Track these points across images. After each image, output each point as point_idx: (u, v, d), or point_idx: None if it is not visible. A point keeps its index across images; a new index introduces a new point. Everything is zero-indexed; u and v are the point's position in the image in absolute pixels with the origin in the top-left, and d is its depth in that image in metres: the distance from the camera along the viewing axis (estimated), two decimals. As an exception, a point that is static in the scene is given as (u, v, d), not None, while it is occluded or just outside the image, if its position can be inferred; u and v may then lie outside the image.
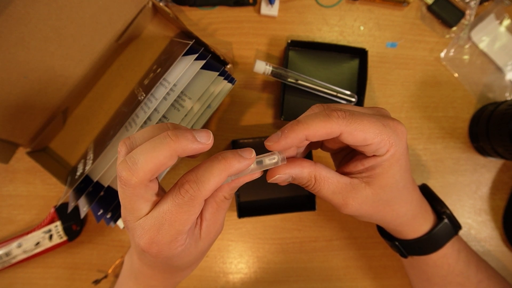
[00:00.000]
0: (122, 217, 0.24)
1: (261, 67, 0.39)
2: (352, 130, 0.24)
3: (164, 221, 0.22)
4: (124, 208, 0.23)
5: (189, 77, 0.34)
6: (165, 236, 0.22)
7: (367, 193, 0.26)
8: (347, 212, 0.27)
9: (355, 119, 0.24)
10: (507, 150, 0.39)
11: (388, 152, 0.25)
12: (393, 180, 0.26)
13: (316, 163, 0.26)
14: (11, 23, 0.32)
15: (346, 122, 0.24)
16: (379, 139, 0.24)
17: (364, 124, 0.24)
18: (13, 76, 0.35)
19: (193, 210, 0.22)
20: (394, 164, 0.26)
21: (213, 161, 0.23)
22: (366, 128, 0.24)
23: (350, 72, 0.43)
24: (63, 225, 0.42)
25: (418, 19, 0.45)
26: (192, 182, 0.22)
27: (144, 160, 0.21)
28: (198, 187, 0.22)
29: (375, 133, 0.24)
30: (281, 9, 0.44)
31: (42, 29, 0.34)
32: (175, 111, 0.36)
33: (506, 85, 0.44)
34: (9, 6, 0.31)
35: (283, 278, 0.44)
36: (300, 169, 0.26)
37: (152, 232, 0.22)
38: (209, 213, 0.26)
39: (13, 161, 0.43)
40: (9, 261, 0.41)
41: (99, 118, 0.43)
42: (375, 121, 0.24)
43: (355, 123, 0.24)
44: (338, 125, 0.24)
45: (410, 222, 0.31)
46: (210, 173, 0.22)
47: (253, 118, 0.44)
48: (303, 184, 0.27)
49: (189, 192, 0.22)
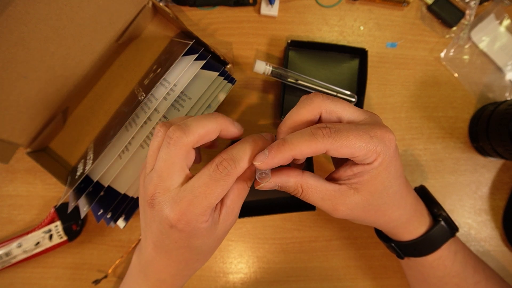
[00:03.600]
0: (149, 192, 0.25)
1: (261, 67, 0.39)
2: (337, 147, 0.24)
3: (199, 194, 0.24)
4: (159, 176, 0.25)
5: (189, 77, 0.34)
6: (197, 207, 0.24)
7: (356, 199, 0.27)
8: (338, 216, 0.28)
9: (341, 136, 0.24)
10: (507, 150, 0.39)
11: (376, 161, 0.25)
12: (382, 186, 0.27)
13: (303, 172, 0.27)
14: (11, 23, 0.32)
15: (331, 141, 0.24)
16: (365, 150, 0.25)
17: (350, 140, 0.24)
18: (13, 76, 0.35)
19: (227, 185, 0.24)
20: (382, 172, 0.26)
21: (245, 143, 0.26)
22: (352, 143, 0.24)
23: (350, 72, 0.43)
24: (63, 225, 0.42)
25: (418, 19, 0.45)
26: (230, 159, 0.25)
27: (196, 125, 0.25)
28: (235, 165, 0.24)
29: (360, 147, 0.24)
30: (281, 9, 0.44)
31: (42, 29, 0.34)
32: (175, 111, 0.36)
33: (506, 85, 0.44)
34: (9, 6, 0.31)
35: (283, 278, 0.44)
36: (286, 179, 0.27)
37: (184, 204, 0.24)
38: (230, 199, 0.27)
39: (13, 161, 0.43)
40: (9, 261, 0.41)
41: (99, 118, 0.43)
42: (361, 135, 0.24)
43: (340, 140, 0.24)
44: (323, 144, 0.24)
45: (404, 225, 0.31)
46: (243, 152, 0.25)
47: (253, 118, 0.44)
48: (290, 192, 0.28)
49: (227, 168, 0.24)
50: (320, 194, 0.27)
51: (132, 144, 0.35)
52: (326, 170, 0.44)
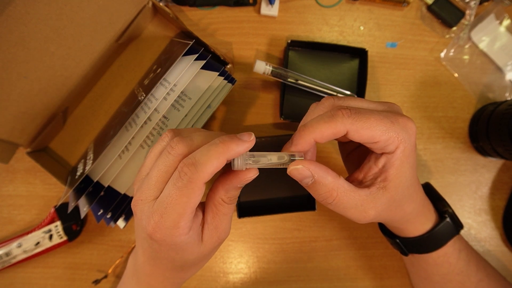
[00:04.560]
0: (135, 197, 0.25)
1: (261, 67, 0.39)
2: (358, 129, 0.23)
3: (167, 205, 0.23)
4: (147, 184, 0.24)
5: (189, 77, 0.34)
6: (167, 220, 0.23)
7: (385, 199, 0.26)
8: (365, 222, 0.26)
9: (361, 116, 0.24)
10: (507, 150, 0.39)
11: (398, 149, 0.25)
12: (404, 178, 0.26)
13: (340, 176, 0.25)
14: (11, 23, 0.32)
15: (351, 121, 0.23)
16: (387, 136, 0.24)
17: (371, 122, 0.23)
18: (13, 76, 0.35)
19: (193, 193, 0.22)
20: (405, 162, 0.25)
21: (210, 145, 0.23)
22: (373, 125, 0.23)
23: (350, 72, 0.43)
24: (63, 225, 0.42)
25: (418, 19, 0.45)
26: (190, 165, 0.22)
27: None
28: (196, 170, 0.22)
29: (382, 131, 0.24)
30: (281, 9, 0.44)
31: (42, 29, 0.34)
32: (175, 111, 0.36)
33: (506, 85, 0.44)
34: (9, 6, 0.31)
35: (283, 278, 0.44)
36: (325, 173, 0.24)
37: (156, 216, 0.23)
38: (209, 216, 0.26)
39: (13, 161, 0.43)
40: (9, 261, 0.41)
41: (99, 118, 0.43)
42: (382, 118, 0.24)
43: (360, 121, 0.23)
44: (343, 124, 0.23)
45: (413, 220, 0.31)
46: (207, 156, 0.22)
47: (253, 118, 0.44)
48: (322, 195, 0.25)
49: (188, 174, 0.22)
50: (354, 200, 0.25)
51: (132, 144, 0.35)
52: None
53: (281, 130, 0.44)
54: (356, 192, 0.25)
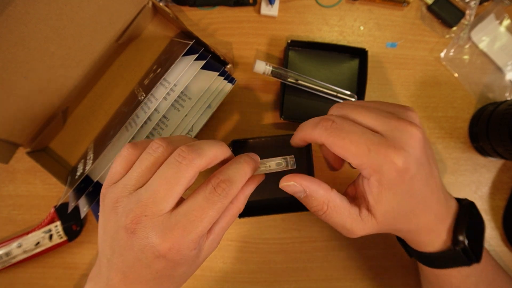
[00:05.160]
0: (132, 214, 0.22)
1: (261, 67, 0.39)
2: (331, 144, 0.24)
3: (195, 218, 0.22)
4: (152, 197, 0.22)
5: (189, 77, 0.34)
6: (191, 233, 0.22)
7: (374, 224, 0.25)
8: (352, 237, 0.26)
9: (338, 133, 0.24)
10: (507, 150, 0.39)
11: (372, 177, 0.24)
12: (390, 206, 0.24)
13: (332, 190, 0.26)
14: (11, 23, 0.32)
15: (326, 135, 0.24)
16: (358, 161, 0.23)
17: (345, 142, 0.23)
18: (13, 76, 0.35)
19: (222, 209, 0.23)
20: (385, 192, 0.24)
21: (239, 163, 0.24)
22: (346, 147, 0.23)
23: (350, 72, 0.43)
24: (63, 225, 0.42)
25: (418, 19, 0.45)
26: (227, 181, 0.23)
27: (208, 148, 0.24)
28: (232, 187, 0.23)
29: (354, 155, 0.23)
30: (281, 9, 0.44)
31: (42, 29, 0.34)
32: (175, 111, 0.36)
33: (506, 85, 0.44)
34: (9, 6, 0.31)
35: (283, 278, 0.44)
36: (317, 188, 0.25)
37: (178, 231, 0.22)
38: (219, 226, 0.26)
39: (13, 161, 0.43)
40: (9, 261, 0.41)
41: (99, 118, 0.43)
42: (360, 142, 0.23)
43: (335, 138, 0.24)
44: (319, 135, 0.24)
45: (415, 234, 0.29)
46: (240, 174, 0.24)
47: (253, 118, 0.44)
48: (313, 208, 0.26)
49: (225, 190, 0.23)
50: (343, 217, 0.25)
51: (132, 144, 0.35)
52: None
53: (281, 130, 0.44)
54: (346, 209, 0.25)
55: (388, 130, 0.24)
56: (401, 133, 0.23)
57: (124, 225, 0.22)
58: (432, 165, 0.26)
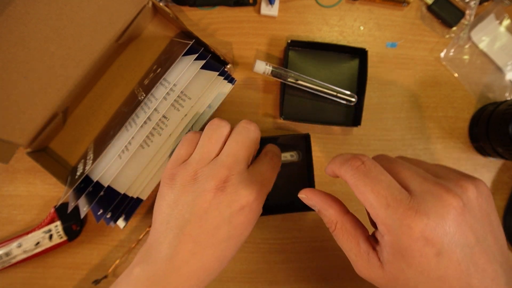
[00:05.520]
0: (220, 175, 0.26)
1: (261, 67, 0.39)
2: (352, 186, 0.23)
3: (268, 177, 0.28)
4: (234, 159, 0.27)
5: (189, 77, 0.34)
6: (267, 188, 0.28)
7: (379, 274, 0.22)
8: (358, 273, 0.25)
9: (362, 177, 0.22)
10: (507, 150, 0.39)
11: (386, 236, 0.21)
12: (402, 276, 0.20)
13: (348, 213, 0.25)
14: (11, 23, 0.32)
15: (351, 175, 0.23)
16: (374, 214, 0.21)
17: (366, 189, 0.21)
18: (13, 76, 0.35)
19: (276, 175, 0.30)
20: (398, 259, 0.20)
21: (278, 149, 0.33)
22: (366, 193, 0.21)
23: (350, 72, 0.43)
24: (63, 225, 0.42)
25: (418, 19, 0.45)
26: (276, 155, 0.32)
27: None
28: (279, 159, 0.32)
29: (370, 204, 0.21)
30: (281, 9, 0.44)
31: (42, 29, 0.34)
32: (175, 111, 0.36)
33: (506, 85, 0.44)
34: (9, 6, 0.31)
35: (283, 278, 0.44)
36: (327, 207, 0.26)
37: (259, 185, 0.27)
38: None
39: (13, 161, 0.43)
40: (9, 261, 0.41)
41: (99, 118, 0.43)
42: (379, 192, 0.21)
43: (358, 180, 0.22)
44: (345, 173, 0.23)
45: None
46: (279, 151, 0.33)
47: (253, 118, 0.44)
48: (325, 222, 0.27)
49: (278, 162, 0.31)
50: (350, 245, 0.24)
51: (132, 144, 0.35)
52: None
53: (281, 130, 0.44)
54: (355, 239, 0.24)
55: (419, 191, 0.21)
56: (432, 198, 0.20)
57: (210, 188, 0.25)
58: (488, 251, 0.20)
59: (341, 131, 0.44)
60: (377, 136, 0.44)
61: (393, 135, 0.44)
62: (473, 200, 0.20)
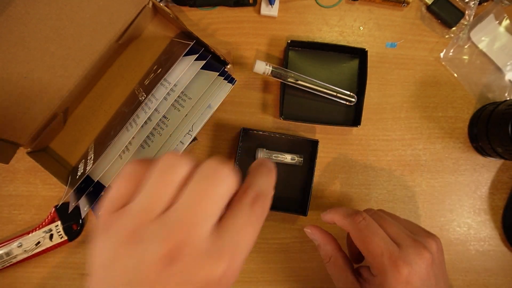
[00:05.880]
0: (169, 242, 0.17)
1: (261, 67, 0.39)
2: (354, 235, 0.29)
3: (240, 240, 0.18)
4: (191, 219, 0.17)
5: (190, 77, 0.34)
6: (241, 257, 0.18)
7: None
8: None
9: (363, 230, 0.29)
10: (507, 150, 0.39)
11: (377, 277, 0.27)
12: None
13: (341, 249, 0.32)
14: (11, 23, 0.32)
15: (353, 227, 0.29)
16: (370, 258, 0.28)
17: (366, 239, 0.28)
18: (13, 76, 0.35)
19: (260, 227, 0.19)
20: None
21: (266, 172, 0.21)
22: (366, 242, 0.28)
23: (350, 72, 0.43)
24: (64, 225, 0.42)
25: (418, 19, 0.45)
26: (263, 196, 0.20)
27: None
28: (268, 201, 0.20)
29: (368, 251, 0.28)
30: (281, 9, 0.44)
31: (42, 29, 0.34)
32: (176, 111, 0.36)
33: (506, 85, 0.44)
34: (9, 6, 0.31)
35: (283, 278, 0.44)
36: (326, 243, 0.32)
37: (229, 253, 0.17)
38: None
39: (14, 161, 0.43)
40: (10, 260, 0.41)
41: (99, 118, 0.43)
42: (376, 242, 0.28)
43: (359, 232, 0.29)
44: (348, 225, 0.30)
45: None
46: (270, 186, 0.21)
47: (253, 118, 0.44)
48: (321, 254, 0.33)
49: (264, 207, 0.20)
50: (340, 276, 0.30)
51: (132, 144, 0.35)
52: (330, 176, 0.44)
53: (281, 130, 0.44)
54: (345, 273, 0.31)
55: (404, 245, 0.28)
56: (414, 251, 0.28)
57: (158, 256, 0.17)
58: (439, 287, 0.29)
59: (341, 131, 0.44)
60: (377, 136, 0.44)
61: (393, 135, 0.44)
62: (435, 254, 0.29)
